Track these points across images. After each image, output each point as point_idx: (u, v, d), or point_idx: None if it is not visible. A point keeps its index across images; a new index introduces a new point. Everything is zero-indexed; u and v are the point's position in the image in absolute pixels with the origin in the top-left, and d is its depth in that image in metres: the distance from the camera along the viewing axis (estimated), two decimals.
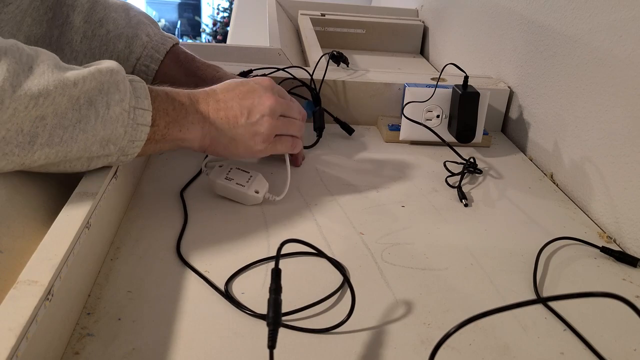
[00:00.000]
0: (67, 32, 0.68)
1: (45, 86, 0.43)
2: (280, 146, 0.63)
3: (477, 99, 0.78)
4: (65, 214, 0.45)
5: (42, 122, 0.43)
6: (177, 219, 0.59)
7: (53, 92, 0.43)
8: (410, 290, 0.51)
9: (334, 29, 1.37)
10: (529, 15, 0.86)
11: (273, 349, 0.36)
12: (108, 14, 0.70)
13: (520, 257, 0.58)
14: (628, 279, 0.56)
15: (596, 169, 0.68)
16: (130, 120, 0.49)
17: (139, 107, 0.50)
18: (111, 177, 0.53)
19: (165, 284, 0.49)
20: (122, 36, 0.70)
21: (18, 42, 0.43)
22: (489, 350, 0.45)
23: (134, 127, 0.49)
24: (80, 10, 0.68)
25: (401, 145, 0.83)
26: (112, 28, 0.70)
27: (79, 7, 0.68)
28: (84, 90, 0.45)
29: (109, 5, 0.70)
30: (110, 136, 0.48)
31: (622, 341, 0.47)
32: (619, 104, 0.64)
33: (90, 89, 0.46)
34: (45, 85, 0.43)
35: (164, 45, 0.72)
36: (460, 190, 0.69)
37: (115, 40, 0.70)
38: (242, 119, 0.58)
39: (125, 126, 0.48)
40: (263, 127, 0.59)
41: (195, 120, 0.55)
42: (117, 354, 0.41)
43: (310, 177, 0.71)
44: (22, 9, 0.61)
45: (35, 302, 0.35)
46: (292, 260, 0.54)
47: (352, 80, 0.88)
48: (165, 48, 0.72)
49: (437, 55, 1.32)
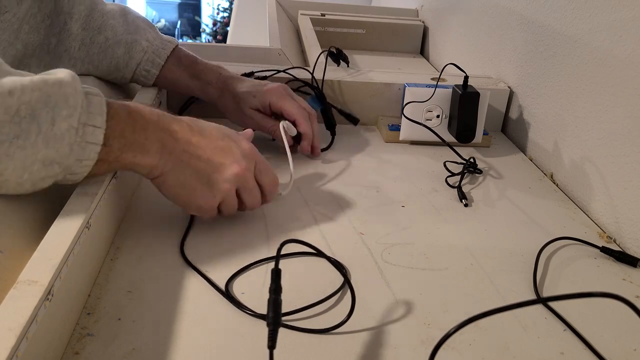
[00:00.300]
0: (65, 39, 0.68)
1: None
2: (224, 208, 0.56)
3: (477, 99, 0.78)
4: (66, 214, 0.45)
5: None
6: (177, 219, 0.59)
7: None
8: (410, 290, 0.51)
9: (334, 29, 1.37)
10: (529, 15, 0.86)
11: (273, 349, 0.36)
12: (106, 21, 0.70)
13: (520, 257, 0.58)
14: (628, 279, 0.56)
15: (596, 169, 0.68)
16: (78, 138, 0.43)
17: (90, 123, 0.44)
18: (111, 177, 0.53)
19: (165, 284, 0.49)
20: (121, 42, 0.70)
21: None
22: (489, 350, 0.45)
23: (82, 145, 0.44)
24: (77, 17, 0.68)
25: (401, 145, 0.83)
26: (111, 35, 0.70)
27: (77, 15, 0.68)
28: (23, 100, 0.40)
29: (106, 12, 0.70)
30: (54, 155, 0.42)
31: (622, 341, 0.47)
32: (619, 104, 0.64)
33: (32, 100, 0.40)
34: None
35: (164, 50, 0.72)
36: (460, 190, 0.69)
37: (114, 46, 0.70)
38: (204, 172, 0.52)
39: (72, 144, 0.43)
40: (218, 192, 0.53)
41: (154, 149, 0.49)
42: (117, 354, 0.41)
43: (310, 177, 0.71)
44: (19, 17, 0.61)
45: (35, 302, 0.35)
46: (292, 260, 0.54)
47: (352, 80, 0.88)
48: (166, 52, 0.72)
49: (437, 55, 1.32)
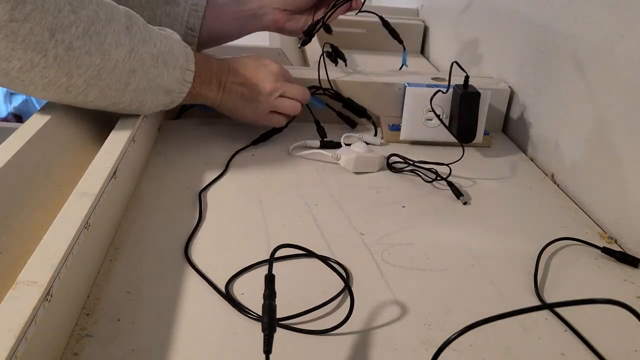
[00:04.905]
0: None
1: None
2: (274, 116, 0.78)
3: (478, 99, 0.78)
4: (65, 214, 0.45)
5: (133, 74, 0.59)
6: (177, 219, 0.59)
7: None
8: (410, 291, 0.51)
9: (334, 29, 1.36)
10: (529, 15, 0.86)
11: (269, 354, 0.36)
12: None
13: (521, 258, 0.57)
14: (629, 280, 0.55)
15: (597, 170, 0.68)
16: (181, 77, 0.65)
17: (187, 68, 0.65)
18: (110, 177, 0.53)
19: (164, 285, 0.49)
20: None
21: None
22: (490, 352, 0.45)
23: (183, 82, 0.65)
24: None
25: (401, 145, 0.83)
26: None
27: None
28: (161, 51, 0.62)
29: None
30: (172, 88, 0.64)
31: (623, 342, 0.47)
32: (619, 104, 0.64)
33: (165, 51, 0.62)
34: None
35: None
36: (453, 186, 0.69)
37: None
38: (247, 94, 0.73)
39: (180, 81, 0.65)
40: (261, 105, 0.74)
41: (214, 85, 0.71)
42: (117, 355, 0.41)
43: (310, 177, 0.71)
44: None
45: (34, 303, 0.35)
46: (292, 261, 0.54)
47: (352, 80, 0.88)
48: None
49: (437, 55, 1.32)
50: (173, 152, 0.74)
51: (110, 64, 0.57)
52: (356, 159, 0.72)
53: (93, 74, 0.56)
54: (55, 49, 0.52)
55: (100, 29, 0.55)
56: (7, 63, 0.51)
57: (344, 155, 0.72)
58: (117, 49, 0.57)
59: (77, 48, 0.54)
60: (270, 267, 0.40)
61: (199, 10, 0.80)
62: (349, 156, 0.72)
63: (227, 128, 0.82)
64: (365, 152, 0.72)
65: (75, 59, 0.54)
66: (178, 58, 0.63)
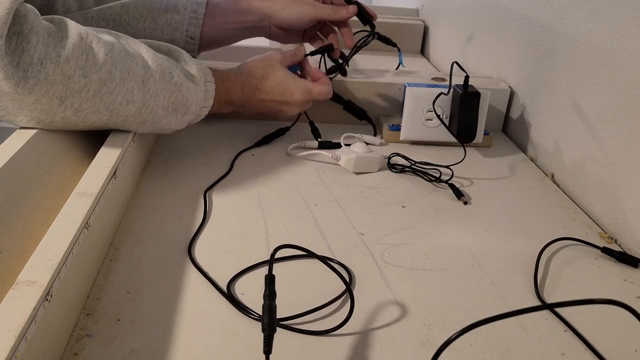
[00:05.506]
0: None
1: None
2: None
3: (478, 99, 0.78)
4: (65, 214, 0.45)
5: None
6: (177, 219, 0.59)
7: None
8: (410, 291, 0.51)
9: None
10: (529, 15, 0.86)
11: (269, 354, 0.36)
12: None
13: (521, 258, 0.57)
14: (629, 280, 0.55)
15: (597, 169, 0.68)
16: (193, 119, 0.68)
17: (205, 106, 0.69)
18: (110, 177, 0.53)
19: (164, 285, 0.49)
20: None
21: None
22: (490, 351, 0.45)
23: (196, 118, 0.69)
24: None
25: (401, 145, 0.83)
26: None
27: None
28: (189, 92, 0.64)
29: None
30: (200, 105, 0.67)
31: (623, 342, 0.47)
32: (619, 104, 0.64)
33: (188, 93, 0.64)
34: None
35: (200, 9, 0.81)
36: (454, 187, 0.69)
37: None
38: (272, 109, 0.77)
39: (192, 120, 0.69)
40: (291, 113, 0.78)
41: (235, 101, 0.74)
42: (116, 354, 0.41)
43: (310, 177, 0.71)
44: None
45: (34, 302, 0.35)
46: (292, 262, 0.54)
47: (352, 80, 0.88)
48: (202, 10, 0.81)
49: (437, 55, 1.32)
50: (173, 152, 0.74)
51: (119, 119, 0.58)
52: (356, 159, 0.72)
53: (100, 124, 0.58)
54: (64, 112, 0.54)
55: (112, 88, 0.55)
56: (14, 117, 0.54)
57: (344, 155, 0.72)
58: (127, 107, 0.57)
59: (86, 109, 0.55)
60: (270, 267, 0.40)
61: (199, 17, 0.80)
62: (349, 157, 0.72)
63: (227, 128, 0.82)
64: (365, 152, 0.72)
65: (82, 117, 0.56)
66: (191, 106, 0.65)
